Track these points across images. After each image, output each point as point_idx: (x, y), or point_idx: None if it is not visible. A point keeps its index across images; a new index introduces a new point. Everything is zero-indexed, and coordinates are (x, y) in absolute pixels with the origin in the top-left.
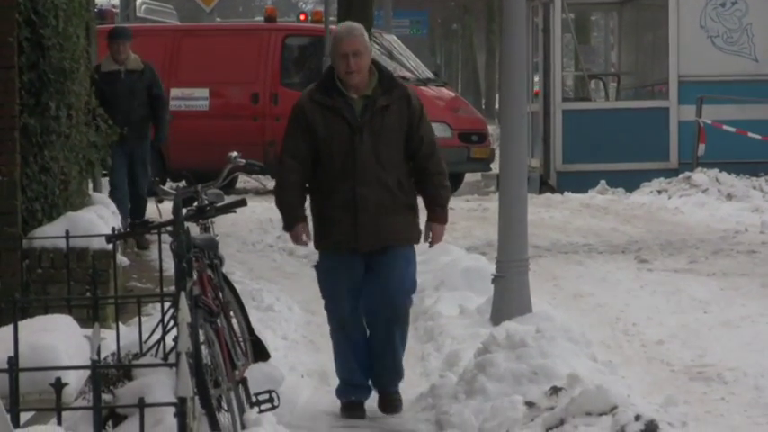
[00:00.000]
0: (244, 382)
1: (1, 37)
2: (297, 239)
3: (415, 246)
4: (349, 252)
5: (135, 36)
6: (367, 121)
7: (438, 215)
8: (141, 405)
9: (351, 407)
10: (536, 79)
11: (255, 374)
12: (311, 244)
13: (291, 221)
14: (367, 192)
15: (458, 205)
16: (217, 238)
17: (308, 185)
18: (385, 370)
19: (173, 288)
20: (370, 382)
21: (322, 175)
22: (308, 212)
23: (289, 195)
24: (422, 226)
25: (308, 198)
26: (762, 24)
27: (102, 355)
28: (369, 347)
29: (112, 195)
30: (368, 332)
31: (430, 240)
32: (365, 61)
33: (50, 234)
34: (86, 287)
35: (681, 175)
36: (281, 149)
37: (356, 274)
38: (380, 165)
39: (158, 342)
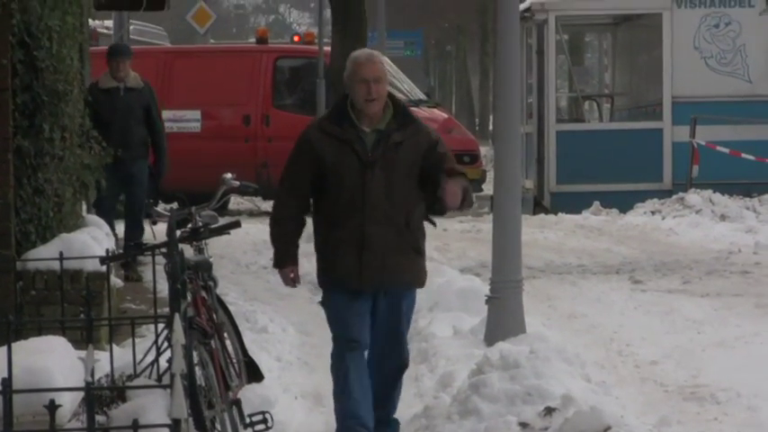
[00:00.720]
0: (237, 403)
1: None
2: (285, 281)
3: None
4: (357, 292)
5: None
6: (379, 156)
7: (455, 179)
8: (135, 426)
9: None
10: (530, 100)
11: (249, 396)
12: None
13: (281, 261)
14: (375, 230)
15: (451, 226)
16: (211, 260)
17: (312, 215)
18: (381, 408)
19: (167, 309)
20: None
21: (329, 207)
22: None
23: (282, 232)
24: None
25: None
26: (755, 45)
27: (96, 377)
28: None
29: (98, 206)
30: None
31: (443, 198)
32: (385, 89)
33: (44, 256)
34: (80, 309)
35: (674, 196)
36: (280, 181)
37: (363, 313)
38: (391, 202)
39: (152, 363)
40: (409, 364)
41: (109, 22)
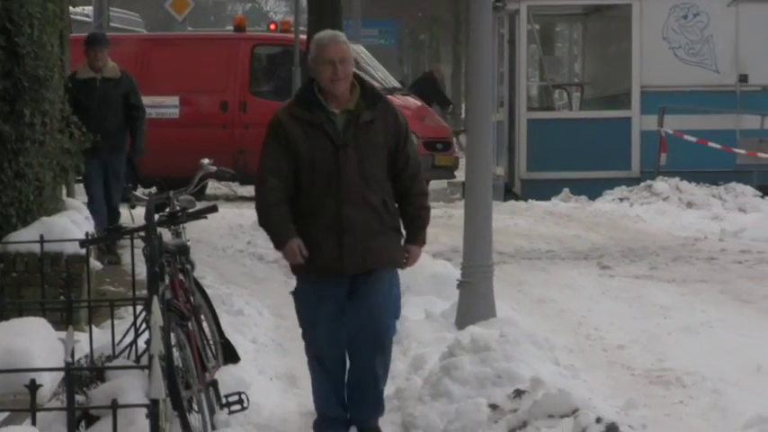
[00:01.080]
0: (214, 384)
1: None
2: (293, 256)
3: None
4: (334, 276)
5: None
6: (351, 136)
7: (418, 237)
8: (114, 406)
9: None
10: (501, 89)
11: (225, 377)
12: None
13: (284, 237)
14: (353, 212)
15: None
16: (188, 244)
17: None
18: (365, 403)
19: (145, 292)
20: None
21: (303, 195)
22: None
23: (275, 212)
24: None
25: None
26: (723, 36)
27: (76, 358)
28: (348, 380)
29: (90, 206)
30: (348, 364)
31: (405, 261)
32: (351, 69)
33: (25, 239)
34: (60, 291)
35: (642, 184)
36: (258, 167)
37: (339, 299)
38: (366, 183)
39: (131, 345)
40: (390, 347)
41: (89, 9)
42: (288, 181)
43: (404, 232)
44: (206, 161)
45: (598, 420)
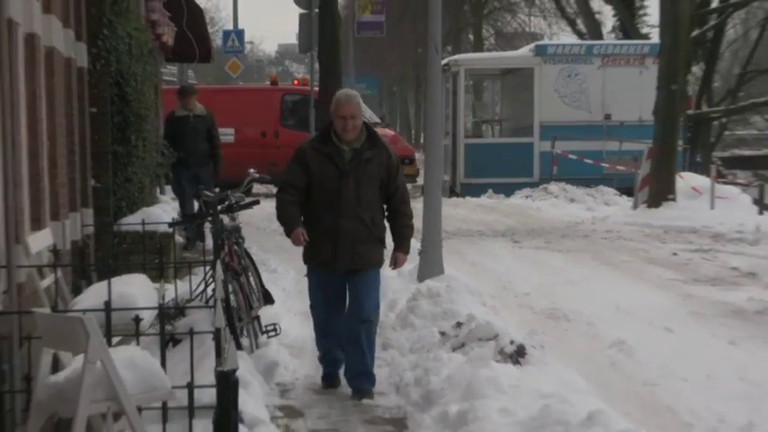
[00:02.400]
0: (257, 318)
1: (100, 94)
2: (297, 240)
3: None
4: (330, 271)
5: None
6: (353, 168)
7: (403, 247)
8: (191, 333)
9: (328, 377)
10: (447, 123)
11: (265, 313)
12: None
13: (291, 228)
14: (346, 224)
15: None
16: (240, 225)
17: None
18: (355, 370)
19: (211, 257)
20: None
21: (312, 207)
22: None
23: (288, 211)
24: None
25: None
26: (594, 88)
27: (165, 300)
28: (344, 351)
29: (180, 202)
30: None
31: (393, 264)
32: (359, 122)
33: (132, 222)
34: (155, 256)
35: (540, 186)
36: (283, 179)
37: (334, 287)
38: (359, 203)
39: (202, 292)
40: (374, 323)
41: (174, 69)
42: (301, 192)
43: (390, 242)
44: (251, 170)
45: (511, 342)
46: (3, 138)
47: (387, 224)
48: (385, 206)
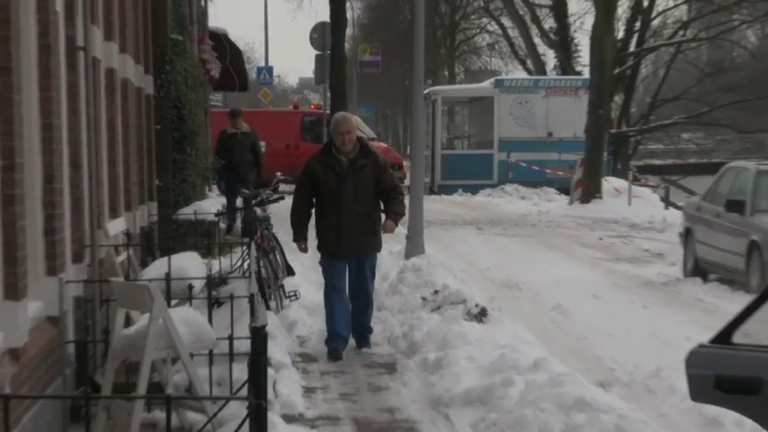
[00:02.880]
0: (282, 286)
1: (162, 115)
2: (299, 249)
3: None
4: (336, 257)
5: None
6: (350, 174)
7: (392, 217)
8: (231, 297)
9: (334, 352)
10: (428, 138)
11: (288, 282)
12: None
13: (296, 238)
14: (347, 219)
15: None
16: (269, 215)
17: (312, 211)
18: (359, 329)
19: (246, 239)
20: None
21: (320, 206)
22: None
23: (295, 221)
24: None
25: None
26: (539, 113)
27: (212, 272)
28: (352, 316)
29: (228, 201)
30: (350, 306)
31: (383, 229)
32: (353, 137)
33: (187, 212)
34: (204, 238)
35: (499, 187)
36: (295, 189)
37: (341, 271)
38: (357, 202)
39: (240, 266)
40: (371, 295)
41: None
42: (308, 199)
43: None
44: (278, 174)
45: (476, 306)
46: (88, 148)
47: (380, 216)
48: (381, 199)
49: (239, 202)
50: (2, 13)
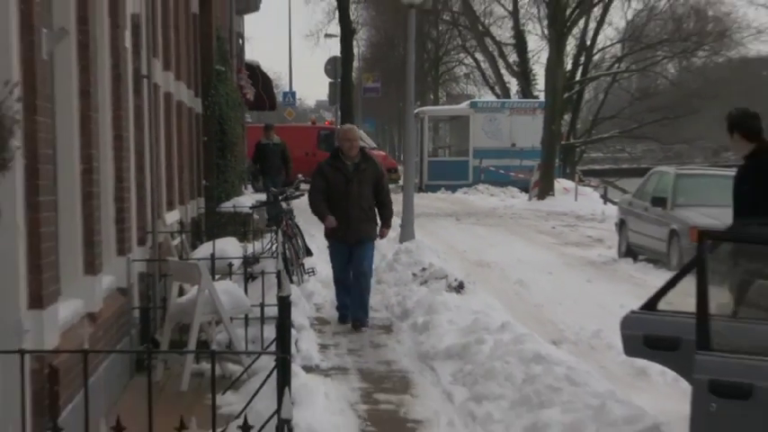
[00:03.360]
0: (302, 264)
1: (208, 129)
2: (330, 223)
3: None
4: (343, 243)
5: (263, 129)
6: (354, 175)
7: (386, 224)
8: (263, 273)
9: (342, 318)
10: (418, 148)
11: (307, 261)
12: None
13: (324, 215)
14: (353, 212)
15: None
16: (292, 208)
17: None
18: (357, 306)
19: (274, 227)
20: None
21: (330, 202)
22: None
23: (319, 206)
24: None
25: None
26: (505, 128)
27: (247, 253)
28: (350, 294)
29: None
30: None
31: (380, 236)
32: (357, 144)
33: (227, 206)
34: (241, 227)
35: (473, 186)
36: (310, 186)
37: (346, 253)
38: (360, 198)
39: (270, 248)
40: (369, 275)
41: (252, 114)
42: (324, 194)
43: (379, 222)
44: (300, 176)
45: (455, 280)
46: (150, 155)
47: (376, 210)
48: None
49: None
50: (83, 50)
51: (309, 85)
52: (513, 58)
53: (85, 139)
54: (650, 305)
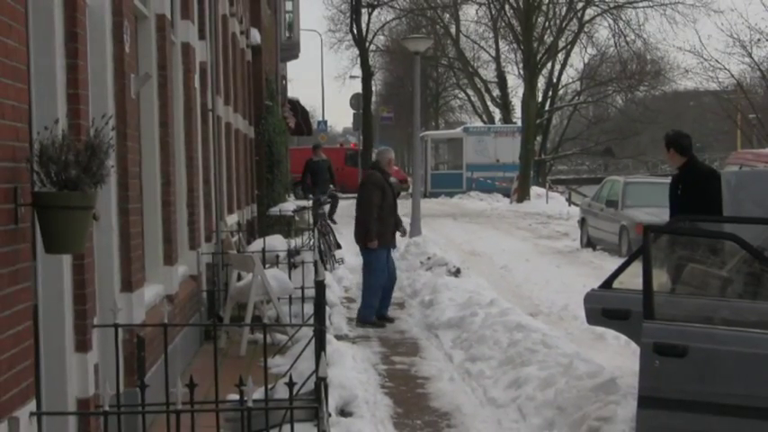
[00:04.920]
0: (334, 255)
1: (260, 151)
2: (373, 245)
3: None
4: (387, 248)
5: (311, 149)
6: (393, 190)
7: (402, 230)
8: (302, 262)
9: (380, 317)
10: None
11: (337, 253)
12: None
13: (372, 235)
14: (394, 220)
15: (399, 202)
16: (325, 212)
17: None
18: (388, 303)
19: (313, 226)
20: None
21: (382, 212)
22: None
23: (372, 223)
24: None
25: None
26: (491, 148)
27: (291, 247)
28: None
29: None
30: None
31: (401, 234)
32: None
33: (274, 210)
34: (285, 226)
35: (467, 193)
36: (370, 199)
37: (386, 256)
38: (396, 208)
39: (308, 243)
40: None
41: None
42: (378, 207)
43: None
44: (331, 186)
45: (454, 266)
46: (214, 171)
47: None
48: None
49: (309, 203)
50: (163, 90)
51: (338, 115)
52: (496, 92)
53: (164, 159)
54: (607, 284)
